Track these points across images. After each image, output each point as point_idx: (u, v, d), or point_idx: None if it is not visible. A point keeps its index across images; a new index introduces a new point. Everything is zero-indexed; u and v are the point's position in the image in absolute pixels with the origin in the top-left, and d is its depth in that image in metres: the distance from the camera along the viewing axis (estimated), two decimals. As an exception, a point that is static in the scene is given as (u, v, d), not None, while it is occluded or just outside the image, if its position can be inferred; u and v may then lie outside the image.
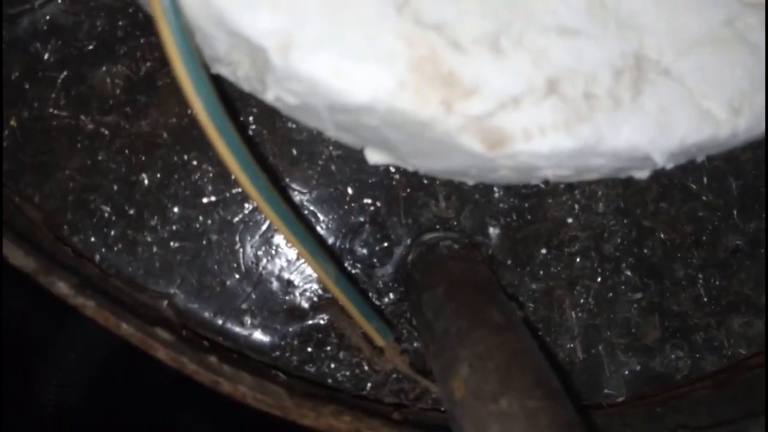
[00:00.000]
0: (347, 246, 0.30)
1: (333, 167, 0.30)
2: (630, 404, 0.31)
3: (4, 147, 0.28)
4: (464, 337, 0.24)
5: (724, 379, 0.31)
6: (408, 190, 0.30)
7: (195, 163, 0.29)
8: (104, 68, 0.29)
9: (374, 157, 0.24)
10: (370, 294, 0.30)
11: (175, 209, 0.29)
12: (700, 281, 0.32)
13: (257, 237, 0.30)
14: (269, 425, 0.28)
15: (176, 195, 0.29)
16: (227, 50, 0.20)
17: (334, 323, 0.29)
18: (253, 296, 0.30)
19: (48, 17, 0.28)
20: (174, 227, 0.29)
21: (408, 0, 0.19)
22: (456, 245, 0.29)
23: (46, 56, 0.28)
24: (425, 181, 0.30)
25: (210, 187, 0.29)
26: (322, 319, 0.30)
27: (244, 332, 0.30)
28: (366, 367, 0.30)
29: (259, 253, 0.30)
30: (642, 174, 0.24)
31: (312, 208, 0.30)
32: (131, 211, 0.29)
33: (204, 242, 0.29)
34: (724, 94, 0.21)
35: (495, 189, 0.30)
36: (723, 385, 0.31)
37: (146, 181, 0.29)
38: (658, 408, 0.31)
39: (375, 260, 0.30)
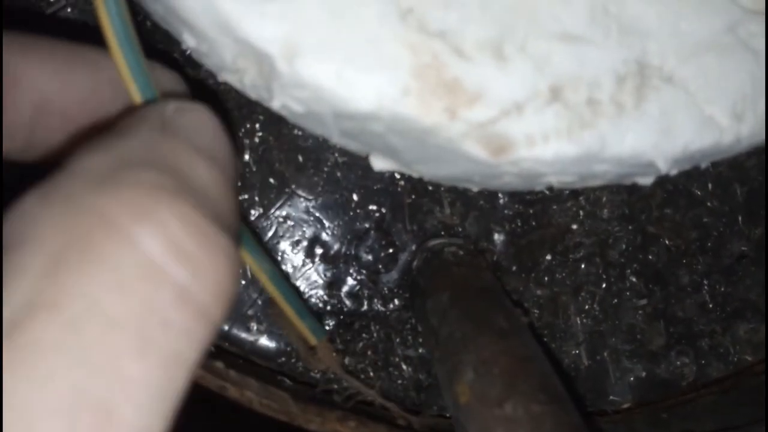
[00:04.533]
0: (352, 252, 0.30)
1: (338, 174, 0.30)
2: (635, 410, 0.31)
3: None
4: (469, 342, 0.24)
5: (730, 385, 0.31)
6: (413, 197, 0.30)
7: (202, 169, 0.29)
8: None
9: (379, 163, 0.24)
10: (375, 300, 0.30)
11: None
12: (706, 287, 0.32)
13: (263, 243, 0.30)
14: (275, 431, 0.28)
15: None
16: (234, 58, 0.20)
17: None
18: (259, 302, 0.30)
19: (58, 24, 0.29)
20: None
21: (412, 8, 0.19)
22: (461, 251, 0.29)
23: (55, 65, 0.29)
24: (430, 188, 0.30)
25: (216, 194, 0.29)
26: (327, 325, 0.30)
27: (250, 338, 0.30)
28: (372, 373, 0.30)
29: (265, 259, 0.30)
30: (646, 180, 0.24)
31: (317, 214, 0.30)
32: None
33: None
34: (726, 100, 0.21)
35: (499, 195, 0.30)
36: (729, 392, 0.31)
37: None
38: (664, 414, 0.31)
39: (380, 266, 0.30)
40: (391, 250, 0.30)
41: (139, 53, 0.18)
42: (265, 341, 0.30)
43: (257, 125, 0.29)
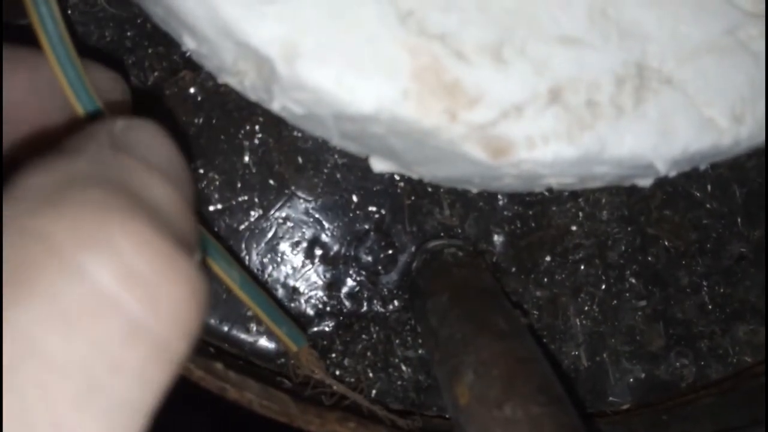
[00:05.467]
0: (352, 253, 0.30)
1: (338, 175, 0.30)
2: (635, 412, 0.31)
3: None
4: (469, 343, 0.24)
5: (729, 387, 0.31)
6: (413, 198, 0.30)
7: (201, 171, 0.29)
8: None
9: (379, 165, 0.24)
10: (375, 301, 0.30)
11: (182, 217, 0.29)
12: (705, 289, 0.32)
13: (263, 245, 0.30)
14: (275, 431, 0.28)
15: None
16: (234, 60, 0.20)
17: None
18: (259, 303, 0.30)
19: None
20: (181, 235, 0.29)
21: (411, 10, 0.19)
22: (460, 252, 0.29)
23: (55, 66, 0.29)
24: (430, 189, 0.30)
25: (216, 195, 0.29)
26: (327, 327, 0.30)
27: (250, 339, 0.30)
28: (371, 374, 0.30)
29: (265, 260, 0.30)
30: (645, 182, 0.24)
31: (317, 215, 0.30)
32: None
33: (210, 250, 0.29)
34: (726, 102, 0.21)
35: (499, 197, 0.30)
36: (728, 393, 0.31)
37: (153, 189, 0.29)
38: (663, 416, 0.31)
39: (380, 267, 0.30)
40: (390, 252, 0.30)
41: (78, 65, 0.18)
42: (264, 342, 0.30)
43: (257, 127, 0.29)
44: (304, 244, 0.30)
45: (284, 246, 0.30)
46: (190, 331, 0.12)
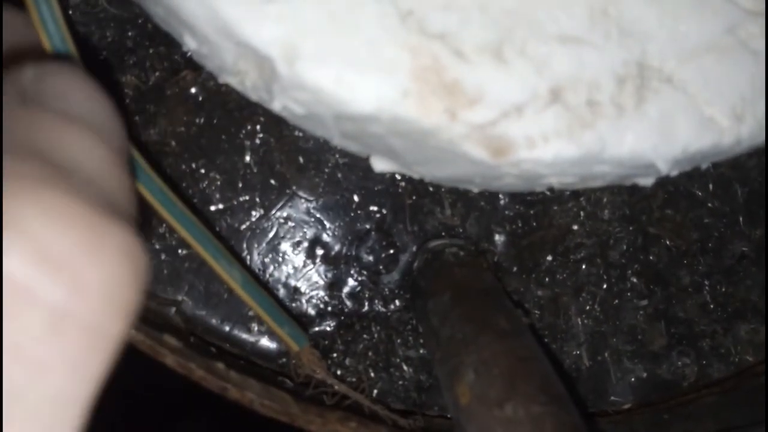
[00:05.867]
0: (353, 253, 0.30)
1: (339, 175, 0.30)
2: (636, 411, 0.31)
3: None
4: (470, 343, 0.24)
5: (731, 386, 0.31)
6: (414, 198, 0.30)
7: (203, 171, 0.29)
8: (114, 78, 0.29)
9: (380, 164, 0.24)
10: (376, 301, 0.30)
11: (184, 217, 0.29)
12: (707, 288, 0.32)
13: (264, 244, 0.30)
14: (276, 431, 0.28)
15: (184, 203, 0.29)
16: (234, 60, 0.20)
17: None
18: (261, 303, 0.30)
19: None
20: (182, 235, 0.29)
21: (412, 10, 0.19)
22: (462, 252, 0.29)
23: (56, 66, 0.29)
24: (431, 189, 0.30)
25: (217, 195, 0.30)
26: (328, 326, 0.30)
27: (251, 339, 0.30)
28: (373, 374, 0.30)
29: (266, 260, 0.30)
30: (646, 181, 0.24)
31: (318, 215, 0.30)
32: (139, 219, 0.29)
33: (212, 249, 0.29)
34: (726, 102, 0.21)
35: (500, 196, 0.30)
36: (729, 392, 0.31)
37: (155, 189, 0.29)
38: (665, 415, 0.31)
39: (381, 267, 0.30)
40: (392, 251, 0.30)
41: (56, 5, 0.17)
42: (266, 342, 0.30)
43: (258, 126, 0.29)
44: (306, 244, 0.30)
45: (285, 246, 0.30)
46: (127, 307, 0.11)
